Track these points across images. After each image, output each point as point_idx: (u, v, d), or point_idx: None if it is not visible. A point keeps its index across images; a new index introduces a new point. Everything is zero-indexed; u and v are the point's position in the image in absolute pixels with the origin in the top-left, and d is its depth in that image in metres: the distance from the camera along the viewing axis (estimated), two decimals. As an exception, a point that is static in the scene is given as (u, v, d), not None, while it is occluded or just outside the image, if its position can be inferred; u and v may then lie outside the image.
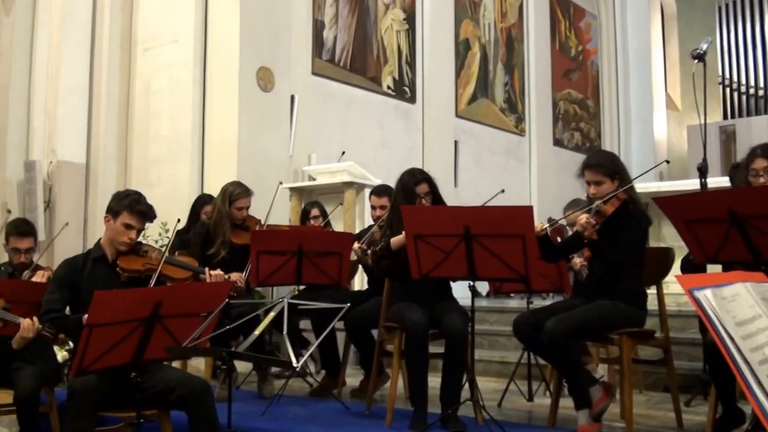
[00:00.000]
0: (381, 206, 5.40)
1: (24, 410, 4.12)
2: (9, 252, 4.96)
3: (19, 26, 9.93)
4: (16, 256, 4.91)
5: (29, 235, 4.97)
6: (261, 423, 4.39)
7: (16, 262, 4.92)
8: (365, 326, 5.15)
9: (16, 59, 9.90)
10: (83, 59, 9.64)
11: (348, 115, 10.26)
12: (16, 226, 5.06)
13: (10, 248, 4.92)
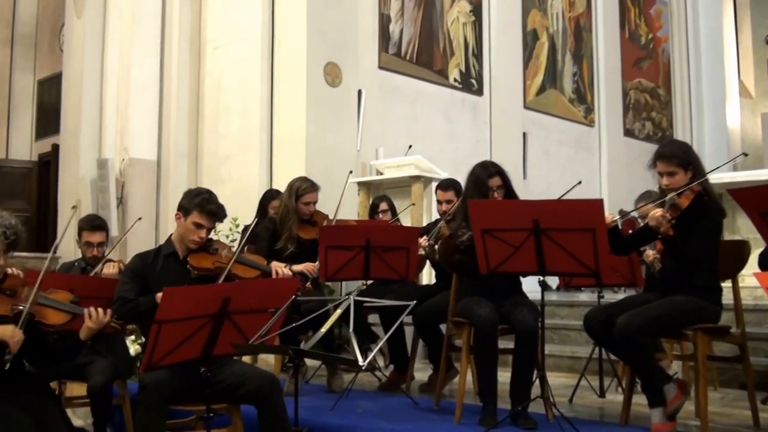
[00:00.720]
0: (447, 200, 5.34)
1: (97, 402, 4.22)
2: (82, 246, 5.08)
3: (90, 28, 10.17)
4: (88, 250, 5.03)
5: (101, 230, 5.08)
6: (330, 417, 4.38)
7: (88, 256, 5.04)
8: (433, 321, 5.10)
9: (88, 60, 10.14)
10: (153, 59, 9.81)
11: (415, 109, 10.22)
12: (89, 220, 5.18)
13: (83, 242, 5.04)
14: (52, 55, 12.97)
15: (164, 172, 9.69)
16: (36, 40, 13.49)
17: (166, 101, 9.74)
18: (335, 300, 3.16)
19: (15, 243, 3.38)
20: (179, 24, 9.64)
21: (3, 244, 3.31)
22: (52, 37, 13.10)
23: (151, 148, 9.78)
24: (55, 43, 12.91)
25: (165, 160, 9.71)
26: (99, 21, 10.31)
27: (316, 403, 4.79)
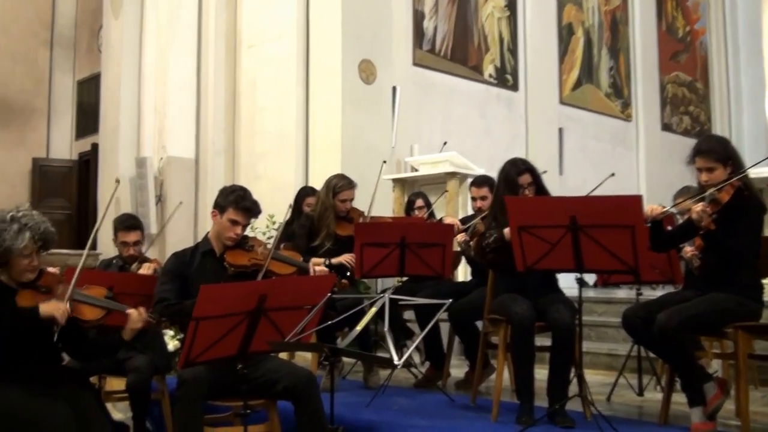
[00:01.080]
0: (481, 197, 5.31)
1: (136, 397, 4.28)
2: (118, 246, 5.14)
3: (127, 29, 10.30)
4: (124, 249, 5.09)
5: (136, 229, 5.14)
6: (366, 414, 4.38)
7: (125, 255, 5.10)
8: (470, 318, 5.07)
9: (126, 60, 10.27)
10: (190, 58, 9.90)
11: (449, 105, 10.17)
12: (123, 221, 5.24)
13: (119, 242, 5.10)
14: (90, 56, 13.14)
15: (202, 170, 9.78)
16: (75, 41, 13.68)
17: (203, 100, 9.82)
18: (371, 297, 3.14)
19: (47, 243, 3.46)
20: (215, 23, 9.71)
21: (35, 245, 3.39)
22: (90, 38, 13.27)
23: (189, 147, 9.88)
24: (93, 44, 13.08)
25: (202, 158, 9.80)
26: (136, 21, 10.43)
27: (352, 400, 4.78)
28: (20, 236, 3.36)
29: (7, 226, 3.37)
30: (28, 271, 3.41)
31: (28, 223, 3.40)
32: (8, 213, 3.43)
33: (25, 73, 13.16)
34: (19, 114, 12.99)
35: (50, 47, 13.51)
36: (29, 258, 3.39)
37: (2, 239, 3.34)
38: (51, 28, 13.54)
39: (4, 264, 3.41)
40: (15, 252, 3.35)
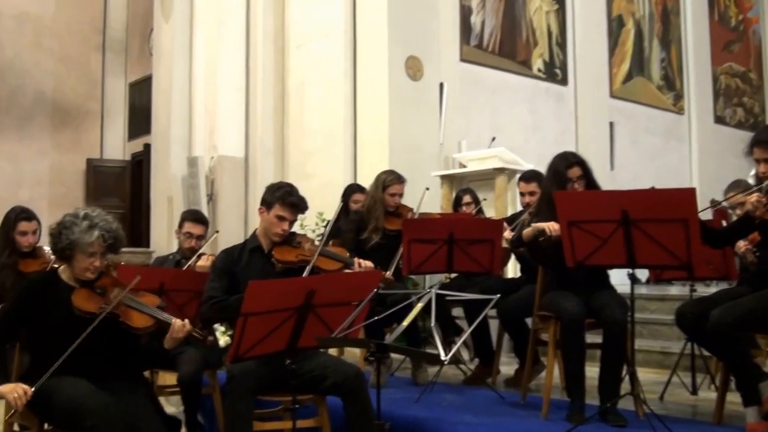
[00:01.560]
0: (530, 192, 5.25)
1: (186, 391, 4.32)
2: (181, 236, 5.20)
3: (178, 31, 10.46)
4: (187, 240, 5.15)
5: (203, 224, 5.24)
6: (414, 410, 4.36)
7: (185, 246, 5.15)
8: (519, 315, 5.01)
9: (177, 62, 10.43)
10: (239, 59, 10.00)
11: (498, 101, 10.10)
12: (193, 212, 5.41)
13: (184, 232, 5.17)
14: (141, 59, 13.36)
15: (252, 169, 9.87)
16: (126, 45, 13.93)
17: (252, 99, 9.92)
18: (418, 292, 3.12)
19: (114, 246, 3.49)
20: (263, 24, 9.80)
21: (100, 246, 3.43)
22: (141, 41, 13.49)
23: (239, 146, 9.99)
24: (144, 47, 13.30)
25: (252, 156, 9.89)
26: (186, 24, 10.59)
27: (401, 396, 4.77)
28: (89, 233, 3.40)
29: (79, 221, 3.42)
30: (89, 270, 3.45)
31: (99, 222, 3.44)
32: (82, 211, 3.49)
33: (79, 77, 13.44)
34: (74, 117, 13.28)
35: (102, 52, 13.78)
36: (93, 257, 3.43)
37: (71, 232, 3.39)
38: (103, 33, 13.81)
39: (68, 259, 3.47)
40: (80, 247, 3.39)
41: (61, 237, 3.41)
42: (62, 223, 3.45)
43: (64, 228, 3.42)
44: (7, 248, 4.77)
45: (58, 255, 3.50)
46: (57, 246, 3.45)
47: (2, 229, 4.83)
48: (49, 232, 3.52)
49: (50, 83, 13.06)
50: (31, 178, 12.59)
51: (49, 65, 13.05)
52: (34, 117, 12.83)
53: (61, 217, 3.52)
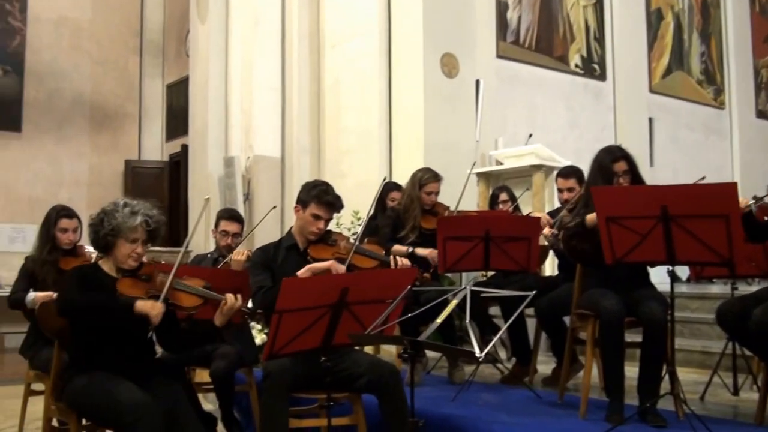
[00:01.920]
0: (568, 188, 5.19)
1: (219, 387, 4.37)
2: (217, 235, 5.27)
3: (214, 33, 10.56)
4: (223, 238, 5.22)
5: (238, 221, 5.31)
6: (451, 409, 4.34)
7: (222, 244, 5.22)
8: (556, 313, 4.96)
9: (213, 63, 10.52)
10: (275, 59, 10.07)
11: (535, 97, 10.03)
12: (228, 210, 5.51)
13: (220, 230, 5.24)
14: (178, 61, 13.51)
15: (288, 168, 9.92)
16: (163, 47, 14.09)
17: (288, 99, 9.97)
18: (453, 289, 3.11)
19: (155, 233, 3.53)
20: (298, 24, 9.84)
21: (144, 232, 3.46)
22: (178, 43, 13.63)
23: (275, 145, 10.04)
24: (181, 48, 13.44)
25: (288, 156, 9.94)
26: (222, 25, 10.68)
27: (437, 394, 4.76)
28: (132, 218, 3.44)
29: (119, 208, 3.47)
30: (131, 257, 3.48)
31: (141, 209, 3.49)
32: (123, 200, 3.54)
33: (117, 79, 13.62)
34: (112, 119, 13.47)
35: (140, 54, 13.95)
36: (136, 244, 3.47)
37: (113, 218, 3.43)
38: (140, 36, 13.98)
39: (108, 248, 3.50)
40: (123, 233, 3.42)
41: (103, 224, 3.45)
42: (103, 211, 3.49)
43: (105, 215, 3.47)
44: (48, 245, 4.83)
45: (100, 244, 3.52)
46: (99, 234, 3.47)
47: (43, 226, 4.89)
48: (90, 223, 3.56)
49: (88, 86, 13.26)
50: (70, 179, 12.80)
51: (87, 68, 13.25)
52: (73, 119, 13.03)
53: (100, 209, 3.57)
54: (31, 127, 12.51)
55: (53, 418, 3.89)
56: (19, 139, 12.42)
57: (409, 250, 5.27)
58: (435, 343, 3.41)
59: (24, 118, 12.45)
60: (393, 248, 5.26)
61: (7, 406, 6.31)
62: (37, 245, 4.89)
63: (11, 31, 12.42)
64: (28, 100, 12.53)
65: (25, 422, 4.80)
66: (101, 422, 3.42)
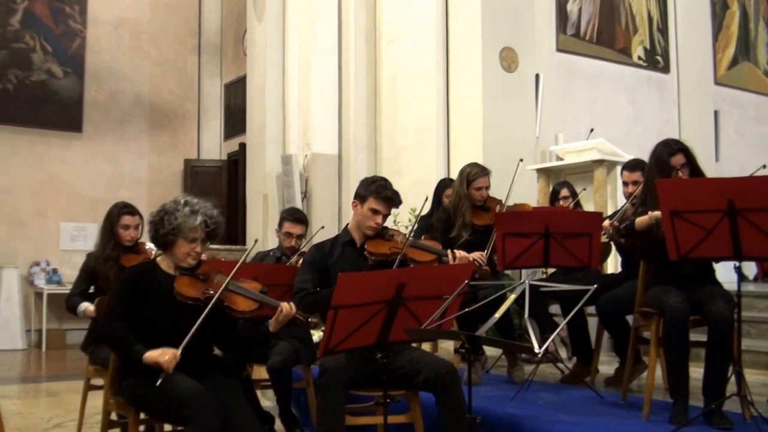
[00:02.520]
0: (633, 182, 5.10)
1: (276, 383, 4.41)
2: (281, 236, 5.33)
3: (271, 31, 10.67)
4: (287, 240, 5.27)
5: (302, 223, 5.37)
6: (510, 408, 4.31)
7: (286, 245, 5.27)
8: (619, 311, 4.87)
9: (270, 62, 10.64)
10: (332, 56, 10.12)
11: (596, 91, 9.90)
12: (293, 212, 5.51)
13: (283, 232, 5.30)
14: (236, 60, 13.68)
15: (345, 166, 9.96)
16: (221, 46, 14.28)
17: (344, 96, 10.01)
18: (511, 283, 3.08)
19: (214, 233, 3.59)
20: (355, 20, 9.87)
21: (203, 232, 3.52)
22: (235, 42, 13.80)
23: (332, 143, 10.10)
24: (239, 48, 13.60)
25: (345, 153, 9.99)
26: (279, 24, 10.78)
27: (496, 393, 4.74)
28: (192, 218, 3.50)
29: (180, 207, 3.53)
30: (190, 256, 3.55)
31: (201, 209, 3.55)
32: (183, 198, 3.60)
33: (176, 79, 13.85)
34: (171, 119, 13.70)
35: (198, 54, 14.16)
36: (195, 243, 3.53)
37: (174, 217, 3.49)
38: (198, 36, 14.19)
39: (168, 246, 3.57)
40: (183, 232, 3.49)
41: (164, 223, 3.51)
42: (164, 210, 3.55)
43: (166, 214, 3.53)
44: (111, 241, 4.92)
45: (160, 242, 3.59)
46: (159, 232, 3.54)
47: (105, 223, 4.99)
48: (150, 220, 3.62)
49: (148, 86, 13.51)
50: (130, 178, 13.06)
51: (146, 69, 13.51)
52: (133, 119, 13.30)
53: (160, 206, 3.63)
54: (91, 127, 12.81)
55: (112, 412, 3.99)
56: (80, 139, 12.72)
57: None
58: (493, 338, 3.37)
59: (84, 119, 12.75)
60: None
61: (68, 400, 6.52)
62: (99, 242, 4.99)
63: (72, 34, 12.72)
64: (89, 101, 12.82)
65: (85, 416, 4.93)
66: (158, 416, 3.49)
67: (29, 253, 12.04)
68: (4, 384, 7.61)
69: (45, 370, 9.87)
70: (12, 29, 12.18)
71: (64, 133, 12.55)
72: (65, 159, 12.56)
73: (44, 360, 10.56)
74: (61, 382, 8.03)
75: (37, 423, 5.87)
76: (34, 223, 12.20)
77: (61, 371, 9.35)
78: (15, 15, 12.22)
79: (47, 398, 7.31)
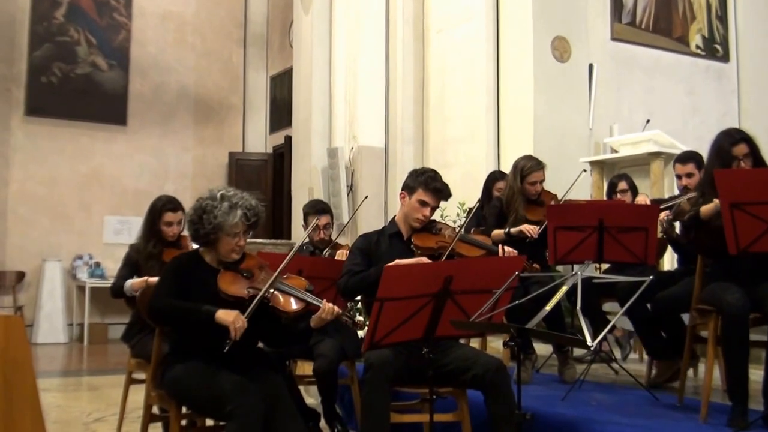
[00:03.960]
0: (686, 174, 5.02)
1: (323, 382, 4.42)
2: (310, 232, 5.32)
3: (317, 23, 10.72)
4: (315, 233, 5.27)
5: (326, 213, 5.39)
6: (561, 408, 4.27)
7: (316, 239, 5.28)
8: (675, 309, 4.79)
9: (317, 54, 10.69)
10: (379, 47, 10.12)
11: (652, 81, 9.74)
12: (313, 205, 5.52)
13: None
14: (282, 52, 13.76)
15: (391, 159, 9.96)
16: (267, 38, 14.38)
17: (392, 88, 10.01)
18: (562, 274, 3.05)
19: (255, 224, 3.60)
20: (403, 10, 9.86)
21: (243, 225, 3.54)
22: (281, 34, 13.89)
23: (379, 136, 10.10)
24: (285, 40, 13.68)
25: (392, 146, 9.99)
26: (326, 15, 10.83)
27: (546, 393, 4.71)
28: (232, 214, 3.51)
29: (218, 203, 3.53)
30: (234, 251, 3.57)
31: (239, 201, 3.55)
32: (218, 191, 3.60)
33: (221, 72, 13.98)
34: (216, 111, 13.84)
35: (244, 46, 14.28)
36: (237, 237, 3.55)
37: (213, 216, 3.50)
38: (244, 28, 14.30)
39: (211, 243, 3.59)
40: (225, 230, 3.51)
41: (203, 222, 3.52)
42: (201, 208, 3.55)
43: (204, 213, 3.52)
44: (153, 238, 4.92)
45: (201, 241, 3.61)
46: (200, 232, 3.55)
47: (148, 218, 4.99)
48: (188, 220, 3.64)
49: (193, 79, 13.65)
50: (175, 171, 13.22)
51: (191, 61, 13.65)
52: (178, 112, 13.45)
53: (196, 202, 3.64)
54: (136, 120, 12.98)
55: (153, 405, 4.03)
56: (125, 132, 12.91)
57: (506, 231, 5.22)
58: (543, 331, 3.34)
59: (129, 112, 12.92)
60: (492, 234, 5.24)
61: (109, 394, 6.62)
62: (142, 237, 5.00)
63: (117, 26, 12.92)
64: (134, 94, 12.99)
65: (127, 410, 4.97)
66: (200, 410, 3.52)
67: (72, 246, 12.25)
68: (45, 377, 7.74)
69: (86, 363, 10.04)
70: (57, 23, 12.40)
71: (109, 126, 12.74)
72: (110, 152, 12.75)
73: (86, 354, 10.74)
74: (102, 376, 8.14)
75: (77, 417, 5.95)
76: (77, 217, 12.42)
77: (103, 365, 9.50)
78: (60, 8, 12.43)
79: (88, 392, 7.43)
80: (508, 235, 5.18)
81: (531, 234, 5.09)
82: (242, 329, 3.35)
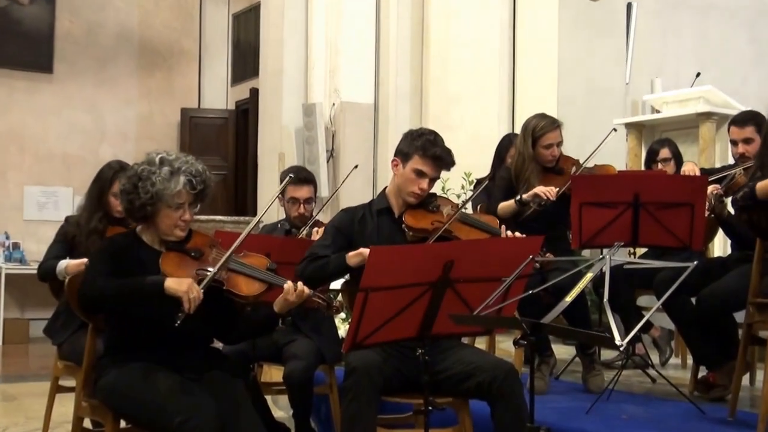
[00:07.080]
0: (744, 139, 5.04)
1: (295, 391, 4.45)
2: (285, 204, 5.34)
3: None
4: (293, 207, 5.29)
5: (308, 183, 5.33)
6: (585, 422, 4.33)
7: (293, 215, 5.29)
8: (725, 304, 4.83)
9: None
10: (369, -20, 10.07)
11: (705, 26, 9.75)
12: (296, 171, 5.42)
13: (287, 198, 5.29)
14: (248, -16, 13.69)
15: (383, 118, 9.97)
16: (229, -34, 14.29)
17: (383, 33, 9.99)
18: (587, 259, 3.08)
19: (202, 193, 3.60)
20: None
21: (188, 194, 3.54)
22: (248, -39, 13.81)
23: (367, 90, 10.10)
24: (252, -32, 13.61)
25: (383, 103, 9.99)
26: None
27: (567, 404, 4.78)
28: (173, 180, 3.51)
29: (156, 168, 3.51)
30: (178, 227, 3.58)
31: (182, 167, 3.54)
32: (157, 155, 3.58)
33: (171, 8, 13.85)
34: (165, 57, 13.75)
35: (200, -25, 14.20)
36: (181, 210, 3.55)
37: (150, 183, 3.49)
38: (200, -49, 14.21)
39: (148, 218, 3.60)
40: (165, 200, 3.50)
41: (139, 191, 3.51)
42: (137, 175, 3.54)
43: (140, 180, 3.51)
44: (99, 211, 4.90)
45: (137, 215, 3.61)
46: (134, 204, 3.54)
47: (94, 187, 4.99)
48: (121, 189, 3.63)
49: (136, 17, 13.54)
50: (113, 131, 13.11)
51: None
52: (117, 58, 13.34)
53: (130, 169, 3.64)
54: (64, 67, 12.87)
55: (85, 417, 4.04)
56: (50, 82, 12.80)
57: (516, 198, 5.25)
58: (563, 327, 3.35)
59: (56, 57, 12.80)
60: (498, 207, 5.24)
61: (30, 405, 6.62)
62: (85, 208, 4.96)
63: (41, -51, 12.81)
64: (61, 35, 12.86)
65: (52, 425, 4.97)
66: (142, 423, 3.53)
67: (-17, 223, 12.20)
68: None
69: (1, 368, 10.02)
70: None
71: (30, 74, 12.61)
72: (32, 107, 12.64)
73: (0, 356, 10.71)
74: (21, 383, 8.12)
75: (-12, 433, 5.95)
76: (-11, 187, 12.37)
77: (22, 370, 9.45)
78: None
79: (4, 403, 7.43)
80: (520, 204, 5.18)
81: (548, 196, 5.07)
82: (197, 300, 3.36)
